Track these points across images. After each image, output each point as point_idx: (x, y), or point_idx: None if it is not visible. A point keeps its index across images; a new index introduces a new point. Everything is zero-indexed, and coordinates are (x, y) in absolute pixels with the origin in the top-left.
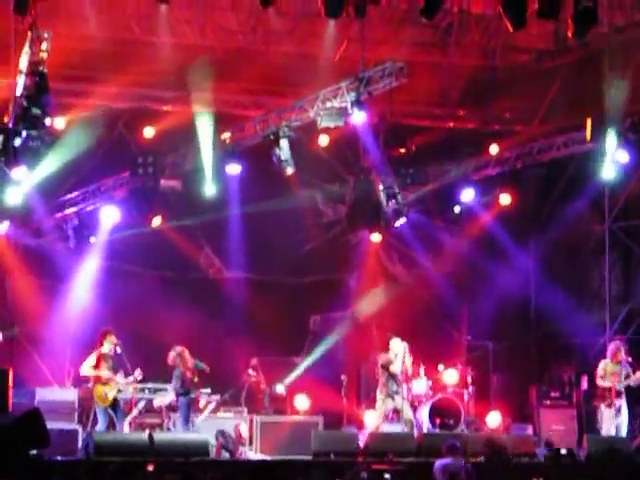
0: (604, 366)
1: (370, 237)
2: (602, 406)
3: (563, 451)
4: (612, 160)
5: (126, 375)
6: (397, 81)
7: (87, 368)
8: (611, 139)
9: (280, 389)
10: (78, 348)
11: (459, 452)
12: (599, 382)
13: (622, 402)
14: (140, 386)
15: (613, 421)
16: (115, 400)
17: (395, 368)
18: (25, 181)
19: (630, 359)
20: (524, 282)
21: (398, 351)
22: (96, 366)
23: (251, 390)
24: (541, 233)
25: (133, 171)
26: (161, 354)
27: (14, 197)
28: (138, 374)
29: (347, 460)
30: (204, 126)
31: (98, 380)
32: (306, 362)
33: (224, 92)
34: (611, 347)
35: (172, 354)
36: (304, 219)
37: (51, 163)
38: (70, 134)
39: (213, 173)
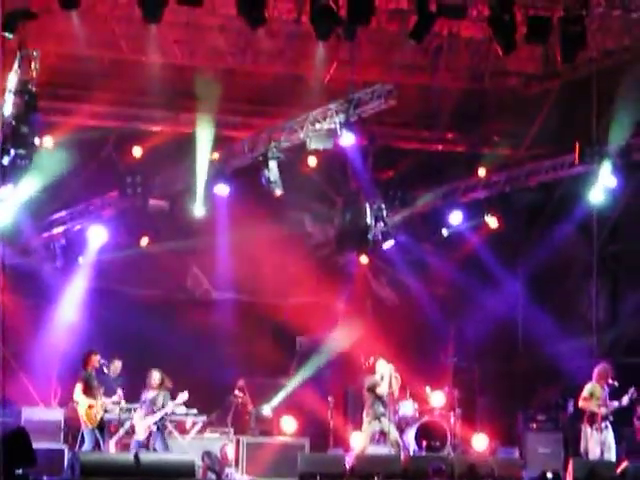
0: (591, 389)
1: (358, 259)
2: (588, 429)
3: (549, 475)
4: (600, 184)
5: (107, 395)
6: (386, 103)
7: (79, 395)
8: (599, 164)
9: (267, 411)
10: (65, 368)
11: (445, 475)
12: (581, 404)
13: (608, 426)
14: (126, 406)
15: (598, 445)
16: (102, 421)
17: (381, 390)
18: (13, 200)
19: (616, 383)
20: (511, 305)
21: (384, 373)
22: (84, 389)
23: (237, 411)
24: (529, 256)
25: (122, 191)
26: (143, 373)
27: (2, 216)
28: (118, 397)
29: None
30: (202, 144)
31: (86, 401)
32: (293, 384)
33: (212, 112)
34: (598, 370)
35: (159, 376)
36: (292, 241)
37: (39, 182)
38: (58, 153)
39: (204, 193)
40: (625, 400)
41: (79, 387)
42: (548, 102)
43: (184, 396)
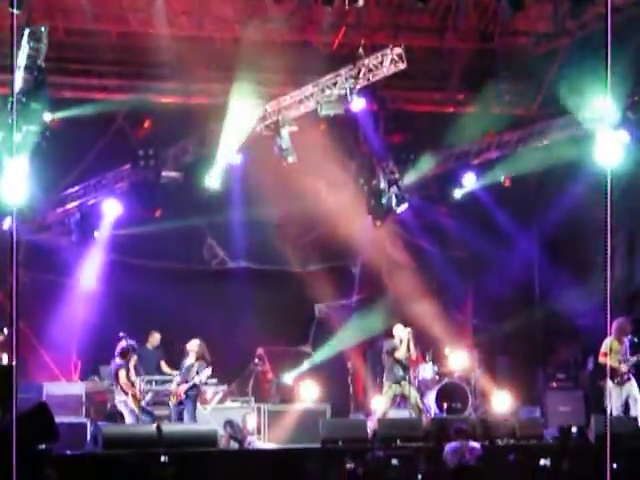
0: (610, 344)
1: (373, 224)
2: (609, 384)
3: (574, 429)
4: (613, 140)
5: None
6: (396, 67)
7: (124, 381)
8: (612, 119)
9: (288, 379)
10: (84, 342)
11: (467, 436)
12: (601, 359)
13: (631, 378)
14: (148, 378)
15: (620, 399)
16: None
17: (400, 354)
18: (26, 177)
19: (636, 339)
20: (528, 265)
21: (402, 337)
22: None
23: (257, 380)
24: (543, 215)
25: (134, 164)
26: (166, 346)
27: (15, 192)
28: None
29: (356, 447)
30: (237, 114)
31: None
32: (317, 355)
33: (222, 82)
34: (616, 324)
35: (198, 344)
36: (307, 208)
37: (51, 158)
38: (69, 128)
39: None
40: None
41: (123, 375)
42: (558, 60)
43: (208, 371)
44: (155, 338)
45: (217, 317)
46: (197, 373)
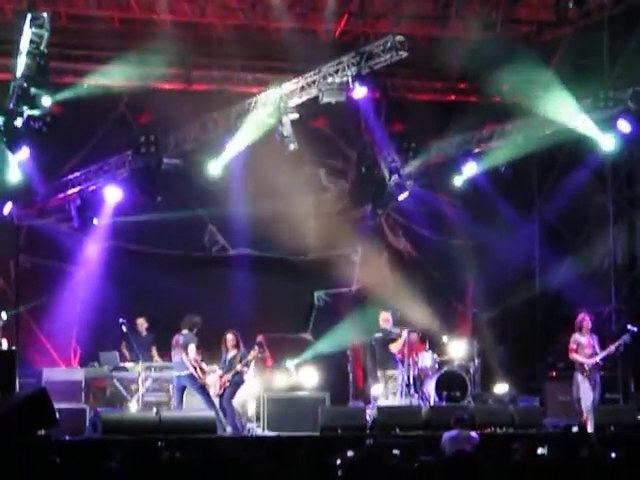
0: (576, 339)
1: (374, 212)
2: (579, 377)
3: (575, 429)
4: (614, 130)
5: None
6: (398, 55)
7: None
8: (612, 110)
9: (290, 366)
10: (84, 328)
11: (466, 424)
12: (572, 356)
13: (597, 375)
14: (146, 364)
15: (590, 392)
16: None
17: (394, 345)
18: (27, 162)
19: (635, 329)
20: (528, 253)
21: (396, 328)
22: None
23: (257, 367)
24: (544, 204)
25: (135, 150)
26: (165, 332)
27: (17, 178)
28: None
29: (355, 435)
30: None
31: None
32: (319, 344)
33: (225, 69)
34: (578, 319)
35: (231, 338)
36: (308, 196)
37: (53, 143)
38: (71, 114)
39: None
40: (612, 348)
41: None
42: (561, 49)
43: (252, 353)
44: (140, 323)
45: (217, 304)
46: (240, 361)
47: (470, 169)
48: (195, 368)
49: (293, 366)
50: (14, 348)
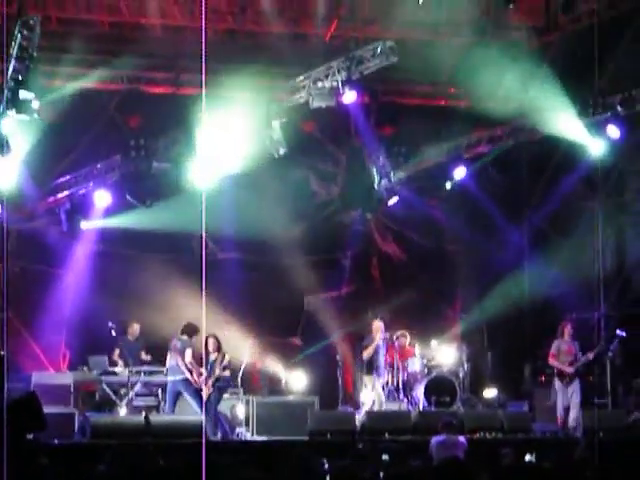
0: (557, 346)
1: (363, 216)
2: (557, 383)
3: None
4: (604, 135)
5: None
6: (388, 60)
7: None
8: (602, 115)
9: (280, 372)
10: (73, 332)
11: (455, 429)
12: (552, 362)
13: (576, 380)
14: (136, 369)
15: (567, 399)
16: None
17: (369, 353)
18: (16, 165)
19: (624, 333)
20: (517, 258)
21: (376, 336)
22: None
23: (246, 371)
24: (534, 210)
25: (125, 154)
26: (154, 336)
27: (6, 181)
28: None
29: (344, 439)
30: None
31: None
32: (310, 349)
33: (214, 73)
34: (560, 326)
35: (213, 342)
36: (297, 200)
37: (42, 147)
38: (60, 118)
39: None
40: (590, 356)
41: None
42: (550, 55)
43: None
44: (134, 329)
45: (207, 308)
46: (220, 364)
47: (460, 174)
48: (191, 372)
49: (283, 371)
50: (3, 352)
